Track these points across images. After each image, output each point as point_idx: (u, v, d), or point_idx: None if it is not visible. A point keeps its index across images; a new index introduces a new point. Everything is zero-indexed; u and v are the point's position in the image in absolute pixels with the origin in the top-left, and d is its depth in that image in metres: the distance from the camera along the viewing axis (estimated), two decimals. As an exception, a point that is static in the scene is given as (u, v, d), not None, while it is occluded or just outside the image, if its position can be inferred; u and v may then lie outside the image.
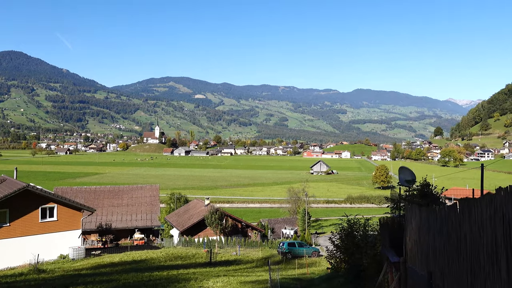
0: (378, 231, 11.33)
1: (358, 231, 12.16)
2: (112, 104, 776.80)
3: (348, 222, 12.65)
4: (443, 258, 4.96)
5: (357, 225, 12.43)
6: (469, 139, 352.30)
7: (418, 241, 5.65)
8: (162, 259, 26.78)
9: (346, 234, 12.29)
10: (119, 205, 59.18)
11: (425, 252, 5.30)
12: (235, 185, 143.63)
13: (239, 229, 46.13)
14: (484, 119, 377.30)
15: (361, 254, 10.64)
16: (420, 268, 5.53)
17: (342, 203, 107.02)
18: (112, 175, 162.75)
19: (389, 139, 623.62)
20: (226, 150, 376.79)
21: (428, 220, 5.26)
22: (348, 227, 12.53)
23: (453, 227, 4.85)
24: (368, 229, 12.14)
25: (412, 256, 5.96)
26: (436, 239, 5.04)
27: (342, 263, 12.58)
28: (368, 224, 12.32)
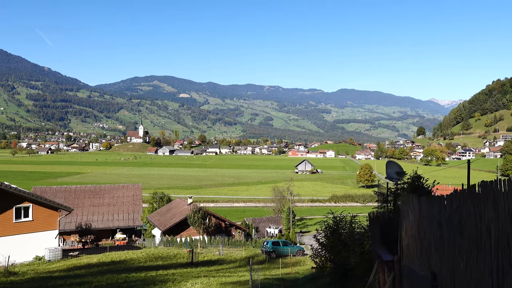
0: (365, 228, 10.75)
1: (344, 228, 11.55)
2: (95, 103, 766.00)
3: (333, 219, 12.04)
4: (453, 255, 4.20)
5: (343, 222, 11.81)
6: (450, 139, 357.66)
7: (417, 237, 4.98)
8: (142, 259, 25.92)
9: (332, 232, 11.63)
10: (100, 204, 57.89)
11: (426, 249, 4.63)
12: (219, 184, 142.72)
13: (222, 229, 45.40)
14: (465, 119, 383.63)
15: (348, 253, 9.94)
16: (420, 268, 4.86)
17: (327, 202, 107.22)
18: (94, 175, 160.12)
19: (373, 139, 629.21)
20: (211, 150, 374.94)
21: (431, 211, 4.55)
22: (333, 224, 11.87)
23: (469, 216, 4.06)
24: (355, 226, 11.52)
25: (409, 253, 5.29)
26: (444, 233, 4.30)
27: (328, 262, 11.86)
28: (355, 221, 11.73)
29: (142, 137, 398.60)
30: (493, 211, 3.69)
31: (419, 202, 5.04)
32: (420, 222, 4.90)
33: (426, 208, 4.76)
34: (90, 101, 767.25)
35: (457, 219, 4.22)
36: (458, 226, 4.19)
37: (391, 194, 8.73)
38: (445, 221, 4.30)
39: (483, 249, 3.89)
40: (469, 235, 4.08)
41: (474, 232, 4.00)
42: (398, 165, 10.65)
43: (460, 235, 4.18)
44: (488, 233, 3.80)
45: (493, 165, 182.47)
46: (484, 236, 3.87)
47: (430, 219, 4.59)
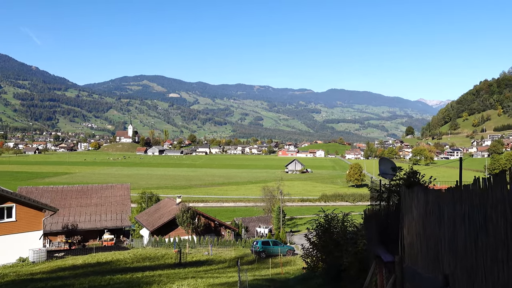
0: (357, 227, 10.35)
1: (336, 227, 11.07)
2: (84, 102, 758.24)
3: (325, 217, 11.60)
4: (473, 255, 3.58)
5: (334, 220, 11.37)
6: (439, 138, 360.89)
7: (422, 234, 4.42)
8: (129, 260, 25.31)
9: (324, 231, 11.16)
10: (88, 205, 57.04)
11: (434, 248, 4.11)
12: (209, 184, 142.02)
13: (212, 228, 44.86)
14: (453, 119, 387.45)
15: (341, 252, 9.42)
16: (426, 269, 4.30)
17: (317, 201, 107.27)
18: (82, 175, 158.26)
19: (363, 138, 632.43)
20: (201, 149, 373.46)
21: (442, 205, 4.05)
22: (325, 222, 11.44)
23: (495, 210, 3.42)
24: (347, 225, 11.11)
25: (413, 254, 4.73)
26: (460, 230, 3.71)
27: (319, 262, 11.32)
28: (347, 220, 11.31)
29: (131, 137, 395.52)
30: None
31: (426, 195, 4.54)
32: (427, 218, 4.41)
33: (434, 202, 4.25)
34: (79, 100, 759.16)
35: (482, 214, 3.64)
36: (482, 222, 3.65)
37: (387, 191, 8.32)
38: (462, 216, 3.73)
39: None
40: (496, 232, 3.51)
41: (503, 229, 3.43)
42: (391, 162, 10.29)
43: (483, 232, 3.62)
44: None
45: (481, 165, 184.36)
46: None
47: (440, 215, 4.09)
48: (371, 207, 8.44)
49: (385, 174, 10.98)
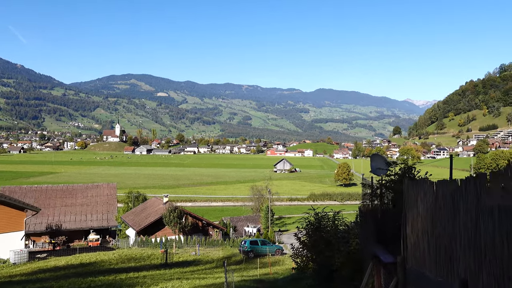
0: (348, 226, 9.95)
1: (327, 225, 10.61)
2: (70, 101, 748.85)
3: (315, 215, 11.16)
4: (503, 256, 2.85)
5: (325, 219, 10.93)
6: (425, 138, 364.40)
7: (430, 232, 4.01)
8: (113, 261, 24.65)
9: (314, 229, 10.66)
10: (73, 204, 56.06)
11: (446, 248, 3.65)
12: (197, 183, 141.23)
13: (199, 228, 44.27)
14: (440, 119, 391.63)
15: (332, 252, 8.94)
16: (436, 272, 3.88)
17: (305, 201, 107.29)
18: (68, 175, 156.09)
19: (350, 138, 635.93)
20: (189, 149, 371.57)
21: (456, 198, 3.51)
22: (315, 221, 10.98)
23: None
24: (338, 223, 10.69)
25: (418, 254, 4.28)
26: (485, 227, 3.04)
27: (310, 262, 10.81)
28: (338, 218, 10.90)
29: (118, 136, 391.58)
30: None
31: (436, 188, 4.04)
32: (437, 213, 3.95)
33: (447, 195, 3.76)
34: (65, 99, 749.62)
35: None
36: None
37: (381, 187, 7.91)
38: (490, 210, 3.06)
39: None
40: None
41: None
42: (383, 158, 9.93)
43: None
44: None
45: (467, 164, 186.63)
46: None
47: (454, 209, 3.57)
48: (366, 204, 7.97)
49: (377, 170, 10.64)
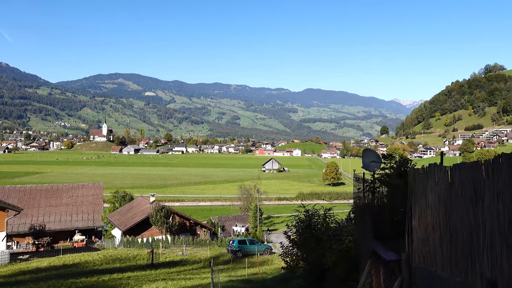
0: (339, 223, 9.57)
1: (317, 223, 10.14)
2: (57, 100, 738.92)
3: (305, 212, 10.76)
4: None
5: (315, 216, 10.46)
6: (412, 138, 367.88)
7: (443, 225, 3.48)
8: (98, 262, 24.04)
9: (305, 227, 10.11)
10: (58, 205, 55.12)
11: (464, 243, 3.14)
12: (185, 183, 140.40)
13: (187, 228, 43.70)
14: (426, 119, 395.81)
15: (324, 250, 8.47)
16: (450, 271, 3.34)
17: (294, 200, 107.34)
18: (54, 175, 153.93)
19: (339, 138, 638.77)
20: (177, 148, 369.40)
21: (478, 183, 3.03)
22: (306, 218, 10.46)
23: None
24: (329, 221, 10.34)
25: (428, 250, 3.79)
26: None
27: (300, 261, 10.38)
28: (329, 215, 10.52)
29: (106, 135, 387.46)
30: None
31: (452, 173, 3.67)
32: (452, 202, 3.43)
33: (466, 181, 3.28)
34: (51, 98, 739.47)
35: None
36: None
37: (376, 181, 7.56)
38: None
39: None
40: None
41: None
42: (375, 154, 9.61)
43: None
44: None
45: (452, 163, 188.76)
46: None
47: (476, 197, 3.07)
48: (361, 198, 7.58)
49: (370, 166, 10.34)
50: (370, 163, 10.67)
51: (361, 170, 10.14)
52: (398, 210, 5.22)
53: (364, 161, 10.69)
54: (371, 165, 10.68)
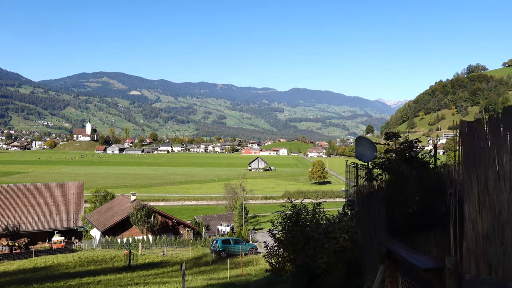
0: (330, 220, 8.34)
1: (306, 220, 8.89)
2: (39, 99, 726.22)
3: (292, 207, 9.52)
4: None
5: (304, 212, 9.20)
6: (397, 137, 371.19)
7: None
8: (71, 264, 22.63)
9: (292, 223, 8.76)
10: (36, 204, 53.38)
11: None
12: (171, 182, 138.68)
13: (169, 227, 42.33)
14: (411, 118, 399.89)
15: (315, 250, 7.09)
16: None
17: (280, 199, 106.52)
18: (35, 174, 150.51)
19: (324, 137, 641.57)
20: (163, 148, 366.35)
21: None
22: (293, 214, 9.13)
23: None
24: (319, 217, 8.93)
25: (497, 253, 2.37)
26: None
27: (287, 263, 8.94)
28: (319, 210, 9.16)
29: (89, 135, 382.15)
30: None
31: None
32: None
33: None
34: (34, 97, 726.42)
35: None
36: None
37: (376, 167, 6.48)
38: None
39: None
40: None
41: None
42: (369, 142, 8.55)
43: None
44: None
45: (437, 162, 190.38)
46: None
47: None
48: (367, 185, 6.32)
49: (364, 155, 9.30)
50: (364, 152, 9.64)
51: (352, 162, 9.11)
52: (411, 199, 4.10)
53: (357, 150, 9.64)
54: (365, 154, 9.65)
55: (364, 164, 7.65)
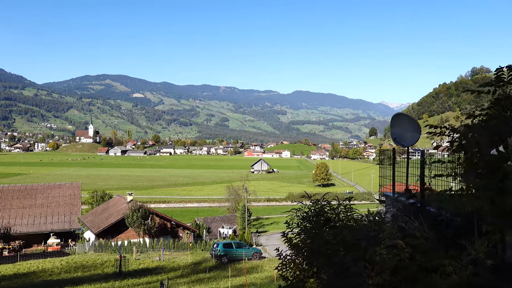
0: (366, 220, 5.82)
1: (336, 219, 6.15)
2: (43, 101, 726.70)
3: (314, 203, 6.60)
4: None
5: (328, 208, 6.39)
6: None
7: None
8: (56, 270, 20.72)
9: (322, 223, 5.99)
10: (32, 206, 51.67)
11: None
12: (172, 184, 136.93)
13: (168, 230, 40.31)
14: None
15: (357, 264, 4.47)
16: None
17: (283, 201, 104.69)
18: (37, 176, 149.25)
19: (327, 140, 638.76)
20: (165, 150, 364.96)
21: None
22: (316, 212, 6.30)
23: None
24: (349, 215, 6.25)
25: None
26: None
27: (308, 278, 5.92)
28: (351, 208, 6.41)
29: (92, 137, 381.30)
30: None
31: None
32: None
33: None
34: (37, 99, 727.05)
35: None
36: None
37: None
38: None
39: None
40: None
41: None
42: (412, 119, 6.73)
43: None
44: None
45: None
46: None
47: None
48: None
49: (404, 137, 7.40)
50: (404, 134, 7.72)
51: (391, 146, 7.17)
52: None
53: (394, 132, 7.71)
54: (405, 136, 7.73)
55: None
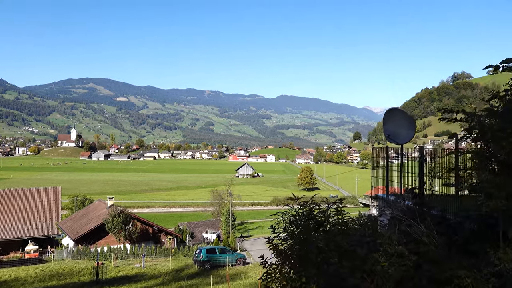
0: (357, 224, 5.19)
1: (326, 223, 5.51)
2: (24, 105, 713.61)
3: (303, 206, 6.32)
4: None
5: (318, 211, 5.93)
6: (384, 143, 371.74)
7: None
8: (30, 279, 19.76)
9: (313, 226, 5.38)
10: (9, 211, 50.18)
11: None
12: (156, 189, 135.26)
13: (150, 235, 39.37)
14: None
15: (354, 275, 3.78)
16: None
17: (268, 205, 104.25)
18: (17, 181, 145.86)
19: (312, 144, 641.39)
20: (149, 154, 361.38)
21: None
22: (304, 215, 5.87)
23: None
24: (342, 218, 5.67)
25: None
26: None
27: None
28: (342, 211, 5.78)
29: (74, 141, 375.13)
30: None
31: None
32: None
33: None
34: (18, 103, 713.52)
35: None
36: None
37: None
38: None
39: None
40: None
41: None
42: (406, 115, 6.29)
43: None
44: None
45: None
46: None
47: None
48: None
49: (398, 134, 6.96)
50: (399, 131, 7.28)
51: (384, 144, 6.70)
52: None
53: (387, 129, 7.27)
54: (399, 133, 7.28)
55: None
